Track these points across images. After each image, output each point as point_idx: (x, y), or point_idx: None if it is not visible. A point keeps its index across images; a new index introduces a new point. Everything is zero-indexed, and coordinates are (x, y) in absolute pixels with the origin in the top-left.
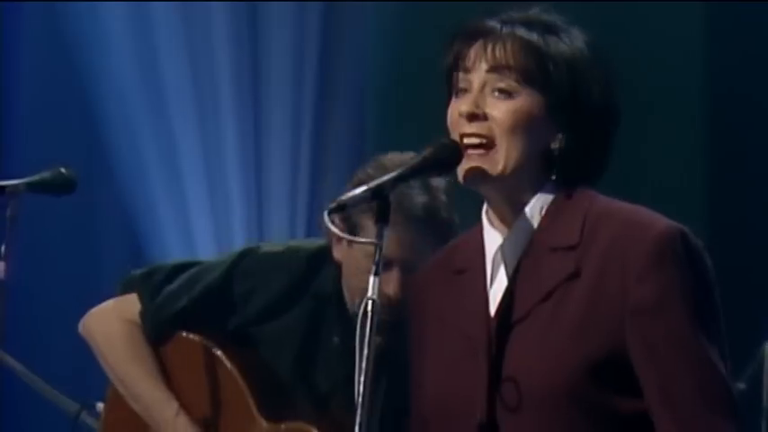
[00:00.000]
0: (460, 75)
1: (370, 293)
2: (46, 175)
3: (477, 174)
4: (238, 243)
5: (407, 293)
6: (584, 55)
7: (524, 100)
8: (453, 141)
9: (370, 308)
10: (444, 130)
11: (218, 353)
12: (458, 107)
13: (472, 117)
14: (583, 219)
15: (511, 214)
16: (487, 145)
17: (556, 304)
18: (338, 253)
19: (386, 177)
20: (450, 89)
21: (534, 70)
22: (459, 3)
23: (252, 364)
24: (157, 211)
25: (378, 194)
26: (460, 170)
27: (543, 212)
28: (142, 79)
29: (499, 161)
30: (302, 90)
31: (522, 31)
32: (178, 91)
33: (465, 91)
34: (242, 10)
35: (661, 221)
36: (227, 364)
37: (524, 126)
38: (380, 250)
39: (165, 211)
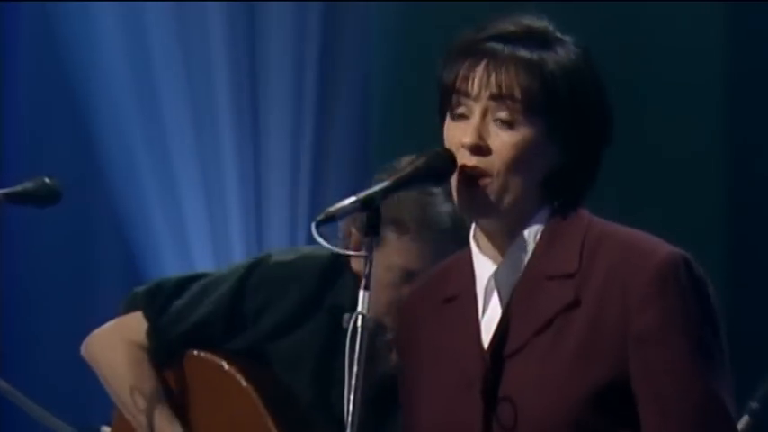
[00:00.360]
0: (461, 99)
1: (359, 308)
2: (29, 185)
3: (472, 205)
4: (237, 253)
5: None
6: (581, 70)
7: (526, 131)
8: (447, 151)
9: (359, 323)
10: None
11: (232, 371)
12: (459, 136)
13: (476, 150)
14: (580, 245)
15: (504, 242)
16: (483, 173)
17: (555, 334)
18: (356, 264)
19: (376, 187)
20: (443, 106)
21: (538, 96)
22: (463, 3)
23: (268, 383)
24: (152, 221)
25: (367, 205)
26: (453, 189)
27: (537, 238)
28: (135, 83)
29: (493, 195)
30: (302, 94)
31: (522, 52)
32: (173, 96)
33: (464, 117)
34: (239, 10)
35: (663, 247)
36: (242, 382)
37: (526, 159)
38: (370, 264)
39: (159, 220)
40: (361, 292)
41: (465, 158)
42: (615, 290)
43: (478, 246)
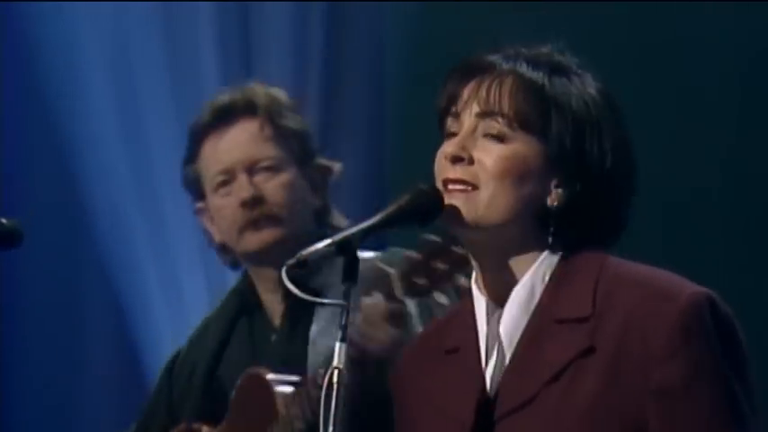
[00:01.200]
0: (449, 120)
1: (335, 362)
2: None
3: (453, 214)
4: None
5: (392, 374)
6: (596, 103)
7: (518, 146)
8: (433, 188)
9: (335, 378)
10: None
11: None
12: (445, 149)
13: (456, 160)
14: (594, 286)
15: (503, 280)
16: (471, 186)
17: (567, 384)
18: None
19: (353, 229)
20: (441, 132)
21: (532, 114)
22: (479, 3)
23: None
24: (141, 266)
25: (344, 249)
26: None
27: (546, 280)
28: (121, 117)
29: (479, 205)
30: (305, 110)
31: (523, 69)
32: (160, 129)
33: (454, 135)
34: (232, 9)
35: (686, 289)
36: None
37: (516, 174)
38: (347, 313)
39: (148, 264)
40: (337, 345)
41: (448, 171)
42: (634, 337)
43: (480, 291)
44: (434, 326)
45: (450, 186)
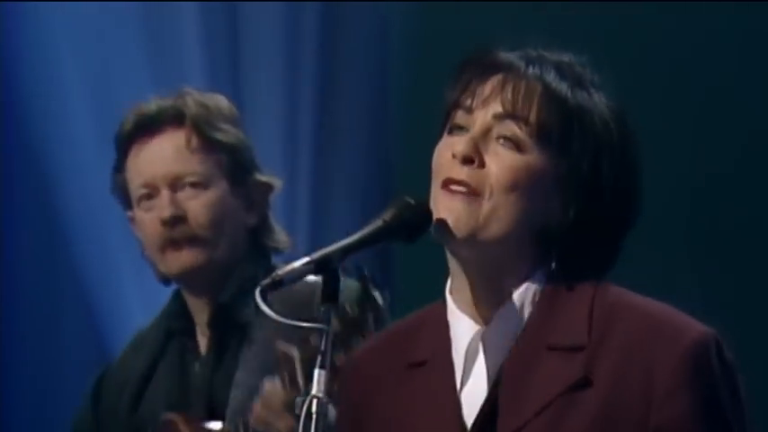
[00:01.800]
0: (459, 112)
1: (314, 390)
2: None
3: (447, 224)
4: None
5: (338, 382)
6: (614, 124)
7: (534, 158)
8: (420, 202)
9: (315, 408)
10: None
11: None
12: (452, 145)
13: (468, 161)
14: (589, 312)
15: (490, 298)
16: (474, 192)
17: (557, 418)
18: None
19: (333, 246)
20: (443, 127)
21: (555, 127)
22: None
23: None
24: (122, 289)
25: (323, 267)
26: (435, 212)
27: (536, 300)
28: (95, 110)
29: (479, 215)
30: (298, 118)
31: (551, 78)
32: None
33: (461, 129)
34: (218, 9)
35: (692, 327)
36: None
37: (525, 188)
38: (327, 337)
39: (129, 282)
40: (316, 372)
41: (453, 170)
42: (635, 372)
43: (457, 304)
44: (392, 332)
45: (453, 187)
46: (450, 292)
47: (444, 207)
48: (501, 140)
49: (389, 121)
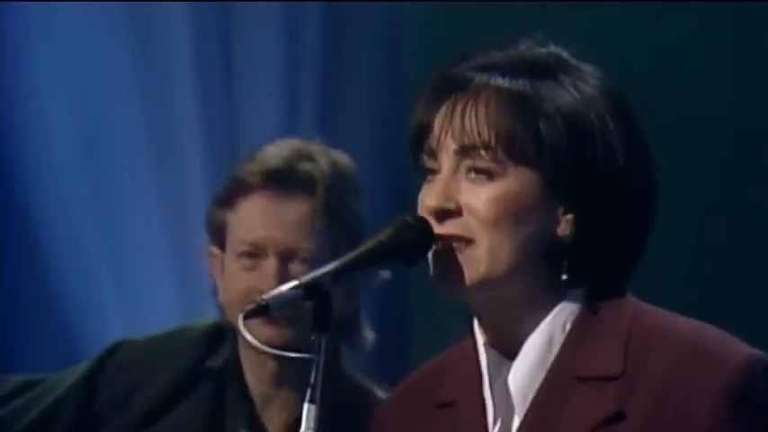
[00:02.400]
0: (425, 156)
1: (303, 425)
2: None
3: (450, 279)
4: None
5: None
6: (596, 100)
7: (510, 181)
8: (420, 219)
9: None
10: None
11: None
12: (425, 199)
13: (443, 214)
14: (626, 339)
15: (518, 332)
16: (465, 240)
17: None
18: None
19: (323, 269)
20: (416, 167)
21: (519, 137)
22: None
23: None
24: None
25: (313, 292)
26: (431, 270)
27: (567, 329)
28: (75, 114)
29: (479, 263)
30: (297, 126)
31: (499, 80)
32: (125, 139)
33: (434, 172)
34: (210, 9)
35: (737, 351)
36: None
37: (513, 216)
38: (318, 368)
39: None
40: (306, 406)
41: (434, 228)
42: (673, 404)
43: (484, 336)
44: (421, 374)
45: (443, 245)
46: (479, 327)
47: (439, 278)
48: (471, 174)
49: (400, 126)
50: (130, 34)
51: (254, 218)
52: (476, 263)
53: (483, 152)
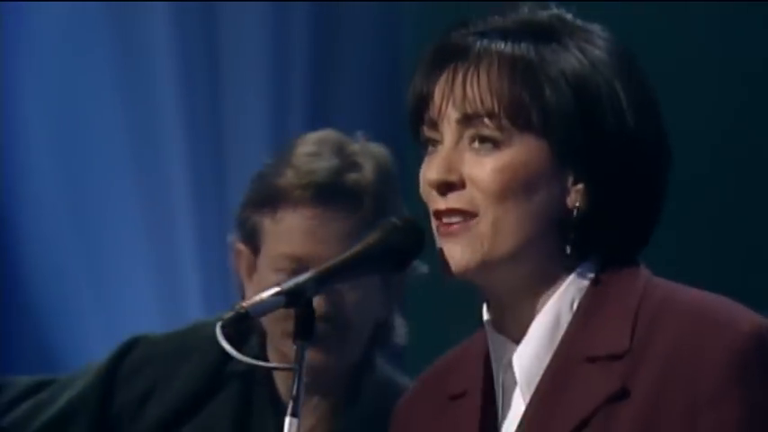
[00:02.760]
0: (425, 128)
1: None
2: None
3: (454, 257)
4: None
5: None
6: (604, 63)
7: (516, 150)
8: (409, 223)
9: None
10: None
11: None
12: (426, 172)
13: (445, 187)
14: (633, 315)
15: (526, 314)
16: (470, 215)
17: None
18: (265, 321)
19: (306, 275)
20: (416, 142)
21: (527, 105)
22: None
23: None
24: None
25: (295, 299)
26: (438, 248)
27: (575, 307)
28: (54, 116)
29: (483, 239)
30: (285, 126)
31: (501, 45)
32: (106, 141)
33: (435, 143)
34: (194, 9)
35: (744, 316)
36: None
37: (519, 187)
38: (299, 378)
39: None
40: (287, 420)
41: (437, 202)
42: (679, 376)
43: (493, 325)
44: (434, 369)
45: (445, 220)
46: (487, 317)
47: (444, 258)
48: (475, 144)
49: (393, 127)
50: (112, 34)
51: (298, 233)
52: (480, 240)
53: (486, 120)
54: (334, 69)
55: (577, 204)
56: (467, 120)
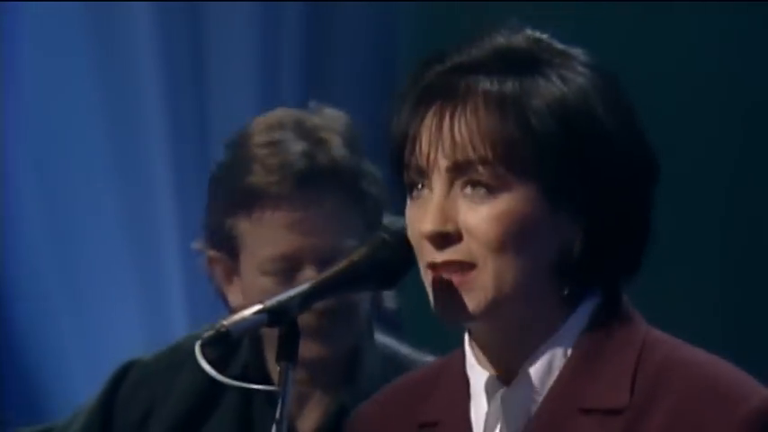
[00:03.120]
0: (412, 173)
1: None
2: None
3: (453, 310)
4: None
5: None
6: (585, 93)
7: (513, 196)
8: (398, 236)
9: None
10: None
11: None
12: (418, 220)
13: (441, 239)
14: (633, 369)
15: (515, 353)
16: (467, 265)
17: None
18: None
19: (290, 293)
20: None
21: (519, 148)
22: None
23: None
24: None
25: (279, 318)
26: (433, 302)
27: (569, 354)
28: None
29: (485, 291)
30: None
31: (486, 85)
32: (88, 145)
33: (421, 188)
34: (176, 9)
35: (752, 392)
36: None
37: (518, 235)
38: (284, 402)
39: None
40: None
41: (431, 254)
42: None
43: (476, 355)
44: (405, 386)
45: (444, 275)
46: (470, 343)
47: (441, 309)
48: (467, 189)
49: (387, 130)
50: (93, 34)
51: (281, 231)
52: (482, 289)
53: (480, 168)
54: (325, 71)
55: (575, 242)
56: (458, 168)
